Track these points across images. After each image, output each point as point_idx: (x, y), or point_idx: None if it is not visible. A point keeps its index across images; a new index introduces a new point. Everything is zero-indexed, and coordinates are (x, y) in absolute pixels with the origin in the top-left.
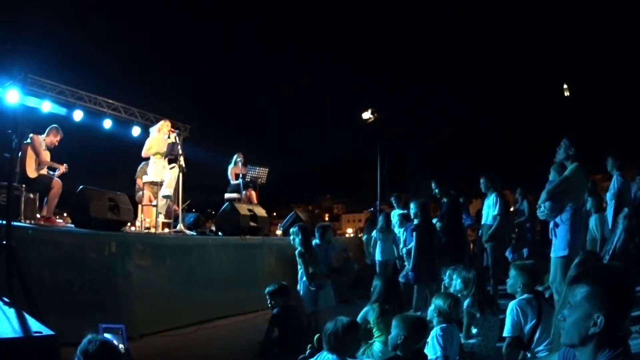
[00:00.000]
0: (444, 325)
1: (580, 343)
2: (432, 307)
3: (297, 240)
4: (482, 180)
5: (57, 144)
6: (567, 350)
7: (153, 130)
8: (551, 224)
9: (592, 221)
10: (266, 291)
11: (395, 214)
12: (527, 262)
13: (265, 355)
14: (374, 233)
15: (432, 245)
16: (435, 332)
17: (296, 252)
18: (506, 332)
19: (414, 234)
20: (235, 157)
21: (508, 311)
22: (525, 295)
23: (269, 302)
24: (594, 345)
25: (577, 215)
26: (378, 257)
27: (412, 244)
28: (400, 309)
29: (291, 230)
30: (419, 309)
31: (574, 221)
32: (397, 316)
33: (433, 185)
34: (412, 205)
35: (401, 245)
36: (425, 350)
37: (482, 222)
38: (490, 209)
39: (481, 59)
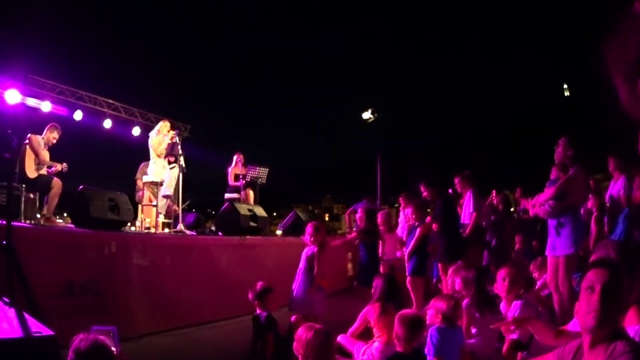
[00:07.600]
0: (442, 326)
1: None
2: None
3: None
4: (457, 181)
5: (54, 141)
6: (563, 349)
7: (153, 132)
8: (553, 223)
9: (592, 221)
10: (256, 294)
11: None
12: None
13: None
14: None
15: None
16: (430, 332)
17: (315, 250)
18: None
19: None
20: (235, 157)
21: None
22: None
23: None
24: (605, 337)
25: (580, 215)
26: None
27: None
28: (401, 309)
29: (309, 228)
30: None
31: (578, 220)
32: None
33: (421, 189)
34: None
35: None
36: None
37: (460, 221)
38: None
39: (482, 59)
